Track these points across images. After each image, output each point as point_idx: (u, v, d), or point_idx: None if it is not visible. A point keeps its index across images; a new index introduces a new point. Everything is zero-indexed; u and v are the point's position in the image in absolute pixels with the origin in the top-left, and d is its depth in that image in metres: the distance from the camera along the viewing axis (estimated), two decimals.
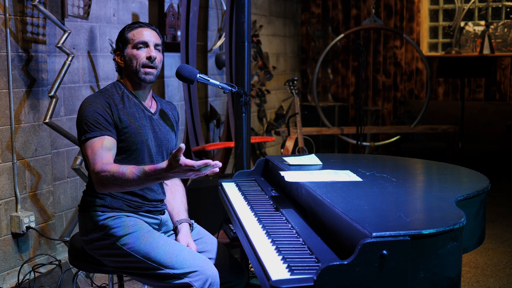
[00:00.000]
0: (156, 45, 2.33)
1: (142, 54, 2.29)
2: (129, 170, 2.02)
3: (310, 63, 7.54)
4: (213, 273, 2.13)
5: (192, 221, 2.45)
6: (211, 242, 2.43)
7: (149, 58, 2.29)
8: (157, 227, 2.37)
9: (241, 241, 2.02)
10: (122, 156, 2.25)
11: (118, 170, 2.03)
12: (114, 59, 2.40)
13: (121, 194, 2.26)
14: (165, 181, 2.50)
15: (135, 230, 2.22)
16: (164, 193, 2.43)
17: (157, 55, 2.31)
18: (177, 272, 2.11)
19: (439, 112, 6.81)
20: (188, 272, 2.11)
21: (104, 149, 2.13)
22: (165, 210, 2.44)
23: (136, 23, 2.36)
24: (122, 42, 2.33)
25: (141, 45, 2.30)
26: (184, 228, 2.38)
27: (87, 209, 2.27)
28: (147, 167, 2.00)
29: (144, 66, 2.29)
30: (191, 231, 2.42)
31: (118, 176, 2.02)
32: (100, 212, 2.24)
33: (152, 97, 2.44)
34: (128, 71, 2.33)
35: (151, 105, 2.41)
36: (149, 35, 2.32)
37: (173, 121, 2.48)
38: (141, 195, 2.30)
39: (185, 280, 2.10)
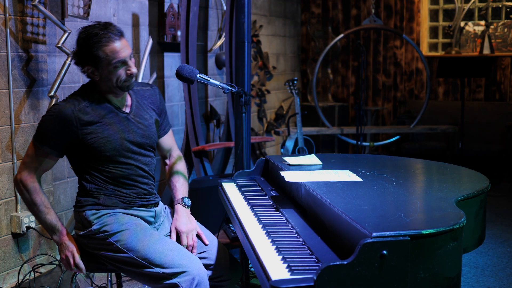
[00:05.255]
0: (130, 56, 2.25)
1: (122, 72, 2.22)
2: (44, 206, 2.27)
3: (310, 63, 7.53)
4: (199, 272, 2.14)
5: (187, 199, 2.48)
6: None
7: (130, 75, 2.24)
8: (153, 219, 2.40)
9: (241, 241, 2.02)
10: (96, 163, 2.27)
11: (32, 197, 2.26)
12: (78, 67, 2.28)
13: (113, 190, 2.30)
14: (166, 160, 2.59)
15: (129, 227, 2.24)
16: (153, 187, 2.44)
17: (134, 65, 2.26)
18: (166, 272, 2.13)
19: (439, 112, 6.81)
20: (176, 272, 2.13)
21: (41, 163, 2.26)
22: (159, 202, 2.47)
23: (103, 35, 2.17)
24: (93, 60, 2.19)
25: (118, 64, 2.20)
26: (179, 209, 2.43)
27: (82, 207, 2.31)
28: (55, 222, 2.28)
29: (125, 81, 2.25)
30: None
31: (29, 200, 2.28)
32: (95, 210, 2.28)
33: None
34: (105, 85, 2.26)
35: (126, 102, 2.36)
36: (123, 49, 2.21)
37: (153, 108, 2.44)
38: (135, 192, 2.33)
39: (174, 280, 2.13)
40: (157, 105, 2.47)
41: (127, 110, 2.35)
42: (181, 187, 2.50)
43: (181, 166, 2.56)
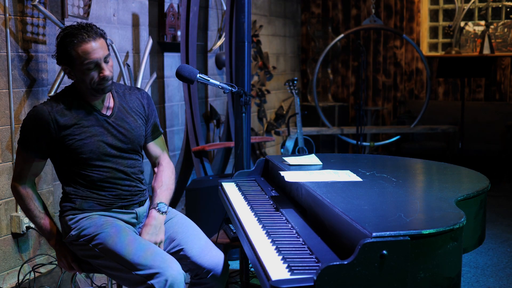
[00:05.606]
0: (105, 58, 2.19)
1: (95, 75, 2.17)
2: (38, 211, 2.31)
3: (310, 63, 7.54)
4: (172, 273, 2.07)
5: (163, 204, 2.35)
6: (182, 222, 2.40)
7: (103, 78, 2.18)
8: (135, 220, 2.36)
9: (241, 241, 2.02)
10: (75, 166, 2.26)
11: (26, 203, 2.30)
12: (59, 66, 2.29)
13: (91, 193, 2.28)
14: (155, 168, 2.50)
15: (104, 229, 2.20)
16: (138, 188, 2.38)
17: (108, 68, 2.20)
18: (140, 274, 2.08)
19: (439, 112, 6.81)
20: (150, 274, 2.07)
21: (30, 168, 2.28)
22: (146, 202, 2.42)
23: (77, 35, 2.13)
24: (68, 60, 2.17)
25: (91, 65, 2.16)
26: (151, 215, 2.33)
27: (62, 213, 2.32)
28: (50, 227, 2.32)
29: (99, 83, 2.20)
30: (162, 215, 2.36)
31: (23, 206, 2.32)
32: (72, 215, 2.28)
33: (111, 92, 2.34)
34: (82, 86, 2.24)
35: (108, 104, 2.32)
36: (97, 50, 2.15)
37: (139, 112, 2.38)
38: (114, 194, 2.30)
39: (149, 282, 2.07)
40: (143, 110, 2.40)
41: (108, 112, 2.30)
42: (161, 192, 2.38)
43: (167, 173, 2.46)
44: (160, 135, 2.51)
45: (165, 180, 2.44)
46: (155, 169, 2.51)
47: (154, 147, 2.49)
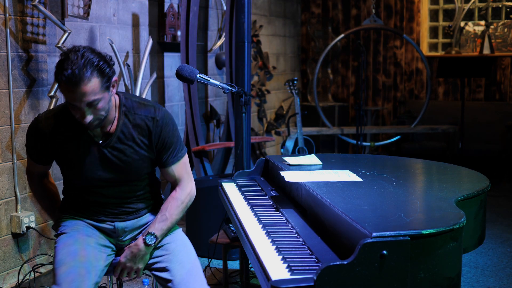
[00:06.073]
0: (90, 103, 1.96)
1: (76, 113, 2.01)
2: (42, 204, 2.42)
3: (310, 63, 7.53)
4: None
5: (152, 237, 2.20)
6: (178, 250, 2.26)
7: (80, 122, 2.03)
8: (112, 233, 2.28)
9: (241, 241, 2.02)
10: (66, 179, 2.29)
11: (35, 196, 2.41)
12: None
13: (80, 201, 2.28)
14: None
15: (68, 231, 2.21)
16: (132, 207, 2.28)
17: (93, 113, 1.99)
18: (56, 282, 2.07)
19: (439, 112, 6.81)
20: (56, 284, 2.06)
21: (34, 168, 2.32)
22: (134, 218, 2.30)
23: (65, 70, 1.91)
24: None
25: (71, 106, 1.99)
26: (137, 242, 2.22)
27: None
28: (53, 217, 2.38)
29: (81, 122, 2.04)
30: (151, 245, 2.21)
31: (34, 195, 2.43)
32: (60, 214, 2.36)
33: (119, 113, 2.15)
34: None
35: (109, 129, 2.13)
36: (78, 97, 1.93)
37: (143, 141, 2.17)
38: (101, 211, 2.27)
39: None
40: (148, 141, 2.18)
41: (106, 140, 2.14)
42: (158, 222, 2.21)
43: (176, 202, 2.25)
44: (176, 161, 2.25)
45: (170, 209, 2.24)
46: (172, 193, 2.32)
47: (169, 172, 2.27)
